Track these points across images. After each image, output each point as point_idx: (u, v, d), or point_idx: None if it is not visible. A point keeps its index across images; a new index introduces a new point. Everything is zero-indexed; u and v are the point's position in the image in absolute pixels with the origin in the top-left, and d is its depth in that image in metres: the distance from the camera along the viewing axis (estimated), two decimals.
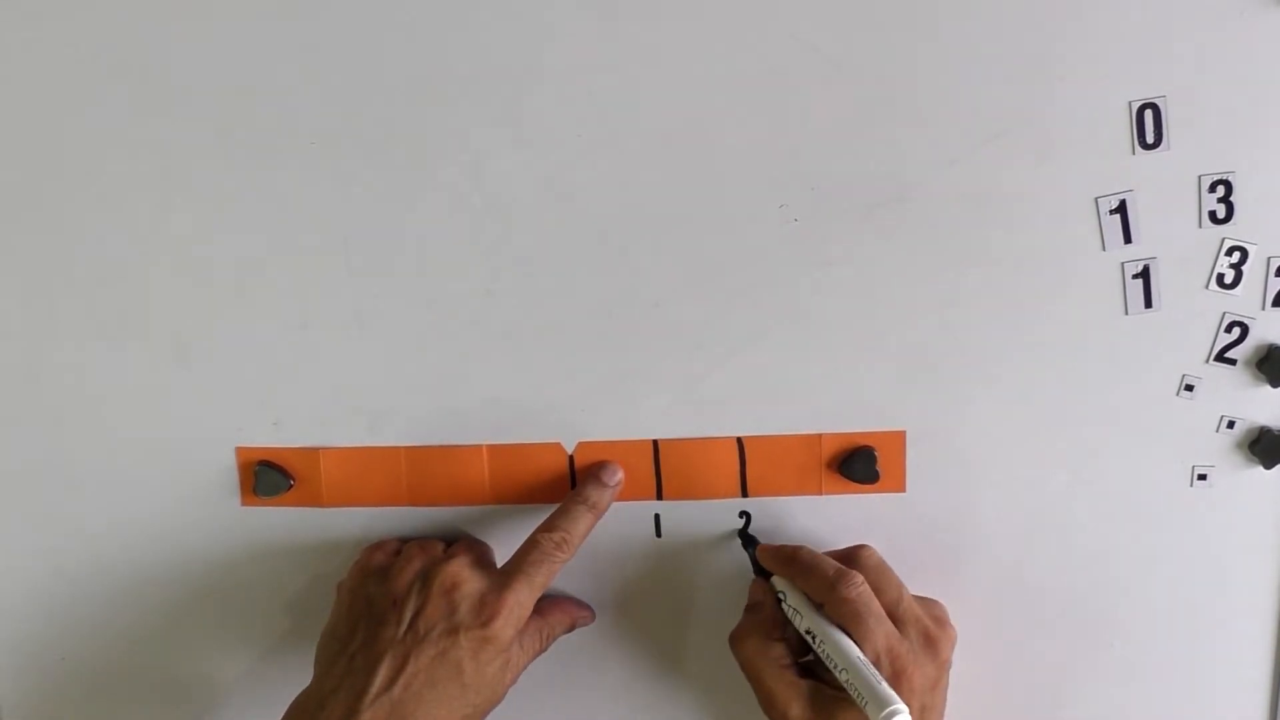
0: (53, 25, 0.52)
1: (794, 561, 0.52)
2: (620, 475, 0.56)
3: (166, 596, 0.59)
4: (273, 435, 0.56)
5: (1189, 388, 0.54)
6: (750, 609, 0.54)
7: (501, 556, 0.55)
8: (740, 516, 0.56)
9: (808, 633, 0.51)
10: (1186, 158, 0.51)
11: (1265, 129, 0.50)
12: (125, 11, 0.51)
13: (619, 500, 0.56)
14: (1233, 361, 0.53)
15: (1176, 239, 0.52)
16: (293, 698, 0.51)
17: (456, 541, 0.56)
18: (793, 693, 0.50)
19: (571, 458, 0.56)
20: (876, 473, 0.55)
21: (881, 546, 0.56)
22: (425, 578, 0.52)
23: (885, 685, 0.47)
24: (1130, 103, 0.50)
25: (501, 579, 0.52)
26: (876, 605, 0.50)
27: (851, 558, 0.52)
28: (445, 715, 0.50)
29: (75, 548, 0.58)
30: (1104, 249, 0.52)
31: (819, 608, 0.51)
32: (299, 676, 0.52)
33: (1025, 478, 0.55)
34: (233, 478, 0.57)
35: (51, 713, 0.61)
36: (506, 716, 0.53)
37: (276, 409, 0.56)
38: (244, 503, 0.57)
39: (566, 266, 0.54)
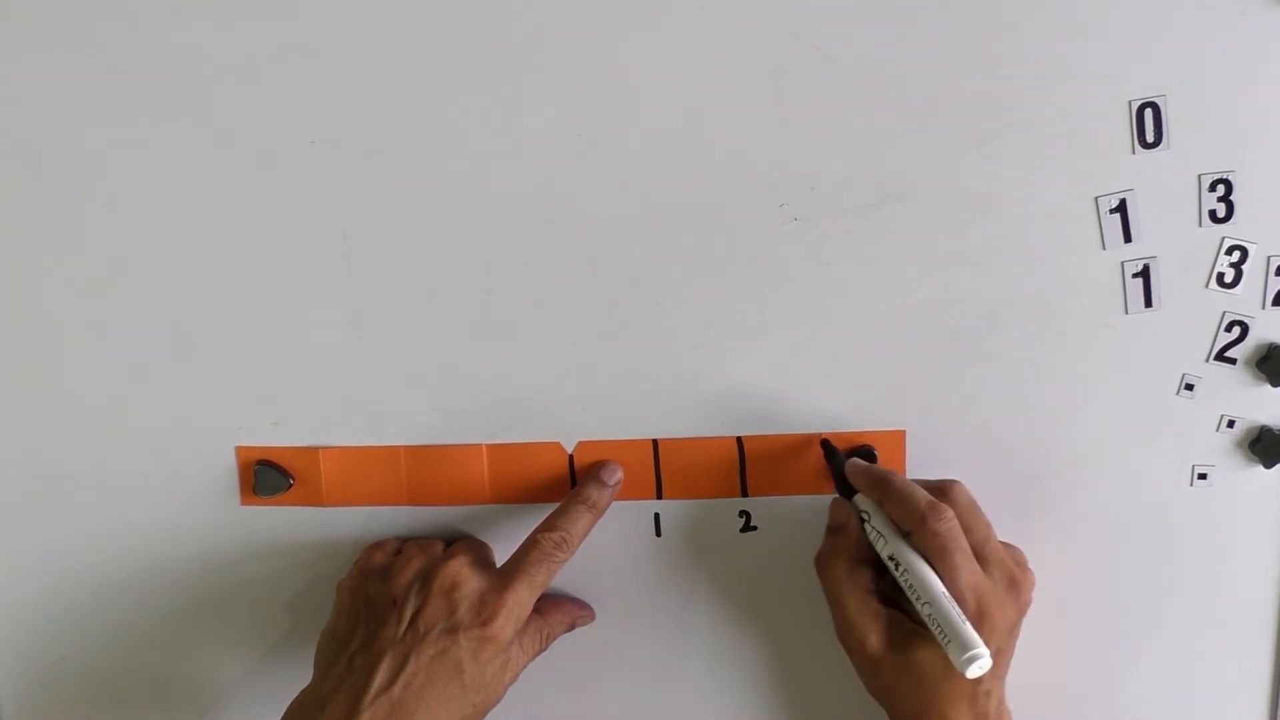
0: (53, 25, 0.52)
1: (885, 485, 0.51)
2: (620, 474, 0.55)
3: (166, 596, 0.59)
4: (272, 435, 0.56)
5: (1189, 387, 0.54)
6: (833, 530, 0.53)
7: (501, 556, 0.55)
8: (821, 446, 0.54)
9: (890, 559, 0.50)
10: (1186, 157, 0.51)
11: (1265, 128, 0.50)
12: (125, 11, 0.51)
13: (619, 500, 0.56)
14: (1233, 361, 0.53)
15: (1176, 238, 0.52)
16: (293, 696, 0.51)
17: (456, 541, 0.56)
18: (873, 622, 0.50)
19: (571, 457, 0.56)
20: None
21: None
22: (425, 577, 0.52)
23: (969, 626, 0.46)
24: (1130, 102, 0.50)
25: (501, 579, 0.52)
26: (965, 541, 0.49)
27: (942, 491, 0.51)
28: (445, 715, 0.50)
29: (75, 547, 0.58)
30: (1104, 248, 0.52)
31: (905, 535, 0.50)
32: (299, 675, 0.52)
33: (1025, 477, 0.55)
34: (232, 477, 0.57)
35: (51, 713, 0.61)
36: (507, 716, 0.53)
37: (276, 408, 0.56)
38: (244, 502, 0.57)
39: (566, 266, 0.54)
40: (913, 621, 0.50)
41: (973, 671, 0.46)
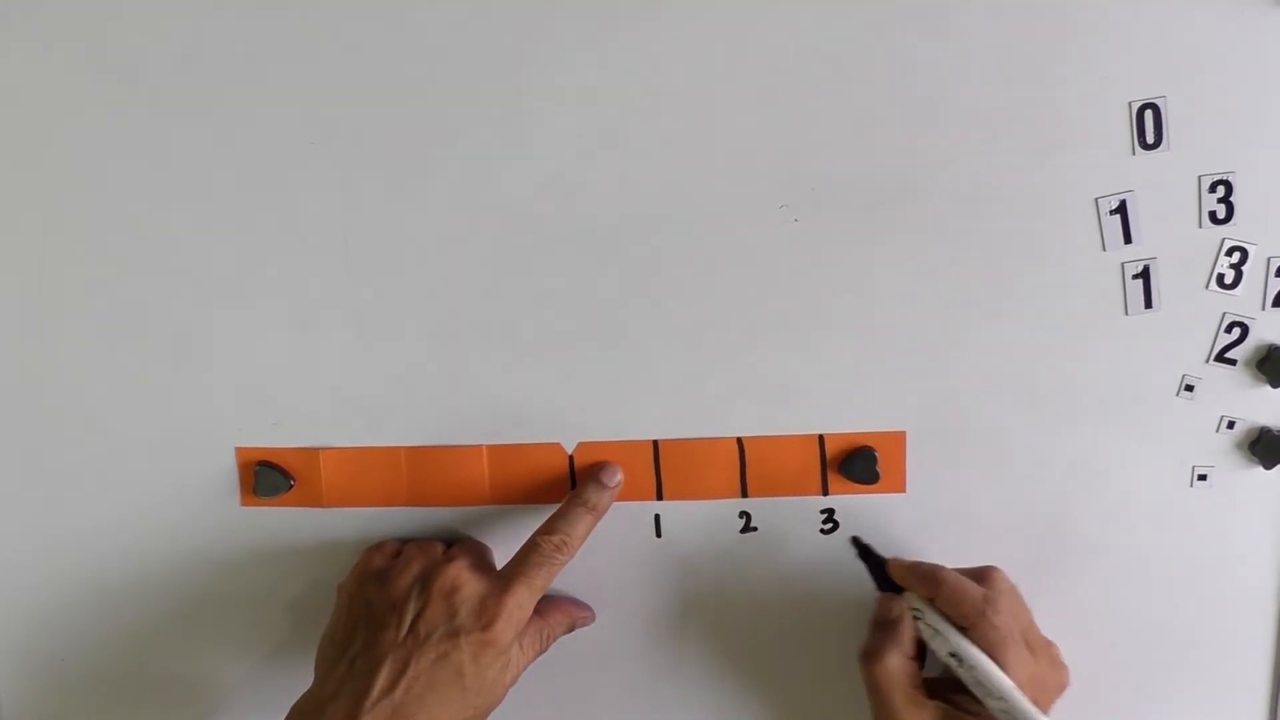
0: (52, 26, 0.52)
1: (937, 581, 0.51)
2: (620, 476, 0.55)
3: (166, 597, 0.59)
4: (272, 435, 0.56)
5: (1189, 388, 0.54)
6: (881, 625, 0.52)
7: (501, 557, 0.55)
8: (852, 544, 0.55)
9: (952, 655, 0.50)
10: (1186, 158, 0.51)
11: (1265, 129, 0.50)
12: (125, 11, 0.51)
13: (619, 500, 0.56)
14: (1233, 362, 0.53)
15: (1176, 239, 0.52)
16: (294, 698, 0.51)
17: (456, 544, 0.56)
18: (924, 715, 0.49)
19: (571, 458, 0.56)
20: (877, 473, 0.55)
21: (882, 546, 0.56)
22: (425, 581, 0.52)
23: (1042, 716, 0.47)
24: (1130, 103, 0.50)
25: (501, 582, 0.52)
26: (1017, 633, 0.50)
27: (984, 578, 0.52)
28: (446, 717, 0.50)
29: (75, 548, 0.58)
30: (1104, 249, 0.52)
31: (961, 630, 0.50)
32: (300, 677, 0.52)
33: (1025, 478, 0.55)
34: (233, 478, 0.57)
35: (51, 713, 0.61)
36: (506, 717, 0.53)
37: (276, 409, 0.56)
38: (244, 503, 0.57)
39: (566, 266, 0.54)
40: (961, 712, 0.49)
41: None
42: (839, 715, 0.59)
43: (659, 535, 0.57)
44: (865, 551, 0.54)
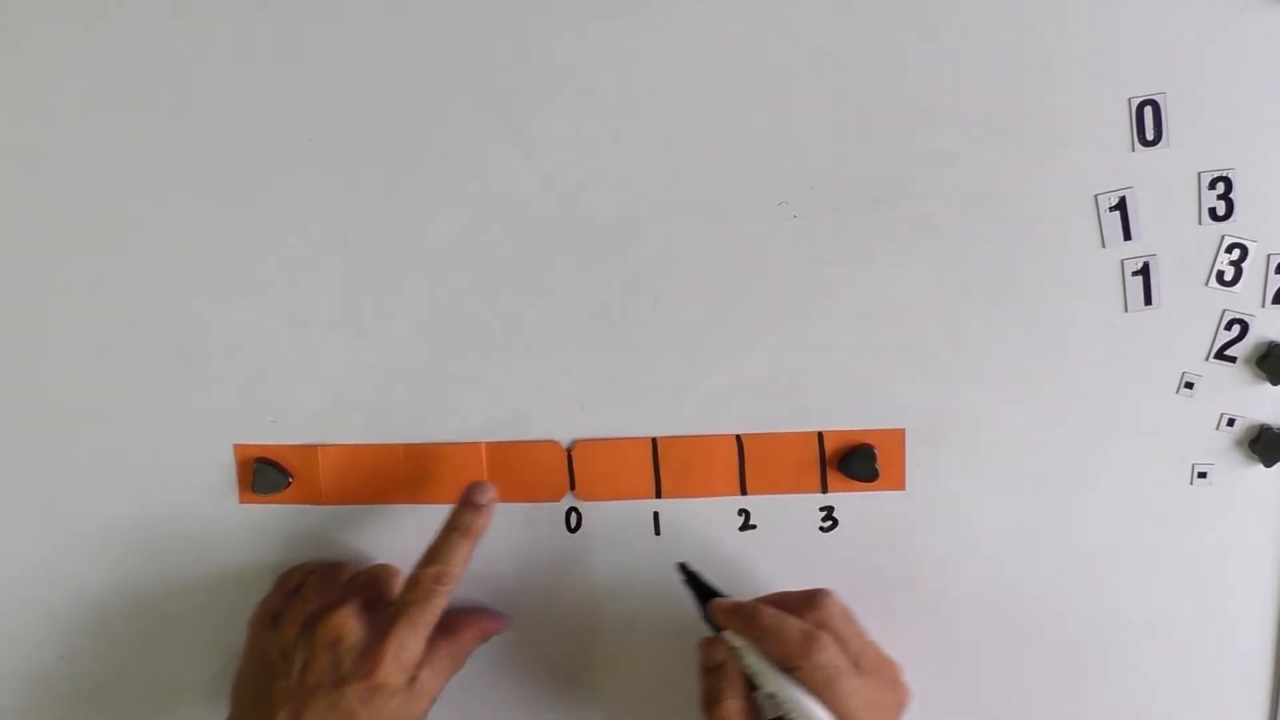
0: (52, 26, 0.52)
1: (755, 623, 0.50)
2: (493, 492, 0.54)
3: (164, 593, 0.58)
4: (271, 432, 0.56)
5: (1189, 385, 0.54)
6: (708, 671, 0.51)
7: (499, 555, 0.55)
8: (678, 570, 0.54)
9: (770, 696, 0.49)
10: (1186, 154, 0.51)
11: (1265, 126, 0.51)
12: (125, 11, 0.52)
13: (619, 499, 0.56)
14: (1233, 359, 0.53)
15: (1176, 236, 0.52)
16: None
17: (360, 572, 0.56)
18: None
19: (570, 456, 0.56)
20: (876, 471, 0.55)
21: (881, 545, 0.56)
22: (310, 631, 0.52)
23: None
24: (1130, 99, 0.50)
25: (383, 625, 0.52)
26: (846, 664, 0.49)
27: (811, 604, 0.50)
28: None
29: (74, 545, 0.58)
30: (1104, 246, 0.52)
31: (785, 670, 0.49)
32: None
33: (1025, 475, 0.55)
34: (231, 475, 0.57)
35: (51, 712, 0.61)
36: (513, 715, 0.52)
37: (275, 406, 0.56)
38: (242, 500, 0.57)
39: (566, 265, 0.54)
40: None
41: None
42: None
43: (658, 533, 0.57)
44: (692, 579, 0.53)
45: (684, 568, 0.54)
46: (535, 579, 0.58)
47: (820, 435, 0.55)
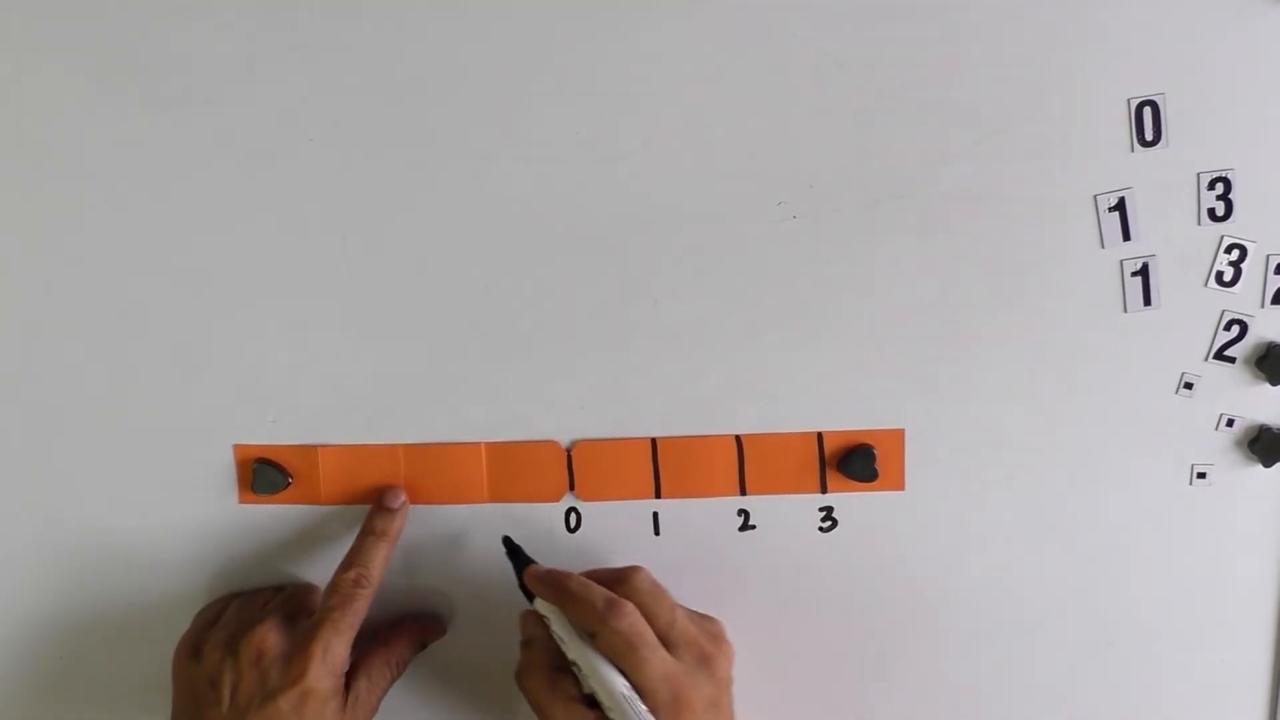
0: (52, 25, 0.52)
1: (562, 589, 0.51)
2: (403, 497, 0.56)
3: (165, 594, 0.58)
4: (271, 433, 0.56)
5: (1188, 386, 0.54)
6: (525, 643, 0.53)
7: (501, 556, 0.55)
8: (504, 544, 0.55)
9: (573, 663, 0.50)
10: (1185, 155, 0.51)
11: (1264, 126, 0.51)
12: (125, 11, 0.52)
13: (618, 499, 0.56)
14: (1232, 359, 0.53)
15: (1175, 236, 0.52)
16: None
17: (280, 592, 0.57)
18: None
19: (569, 456, 0.56)
20: (875, 471, 0.55)
21: (881, 545, 0.56)
22: (233, 652, 0.52)
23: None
24: (1129, 100, 0.50)
25: (306, 632, 0.52)
26: (649, 633, 0.49)
27: (622, 580, 0.51)
28: None
29: (73, 545, 0.58)
30: (1103, 246, 0.52)
31: (591, 637, 0.50)
32: None
33: (1024, 476, 0.55)
34: (230, 475, 0.57)
35: (51, 712, 0.61)
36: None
37: (275, 406, 0.56)
38: (241, 500, 0.57)
39: (565, 265, 0.54)
40: None
41: None
42: (843, 710, 0.59)
43: (657, 533, 0.57)
44: (513, 551, 0.54)
45: (507, 540, 0.55)
46: None
47: (820, 435, 0.55)
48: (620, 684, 0.48)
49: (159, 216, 0.54)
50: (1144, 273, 0.52)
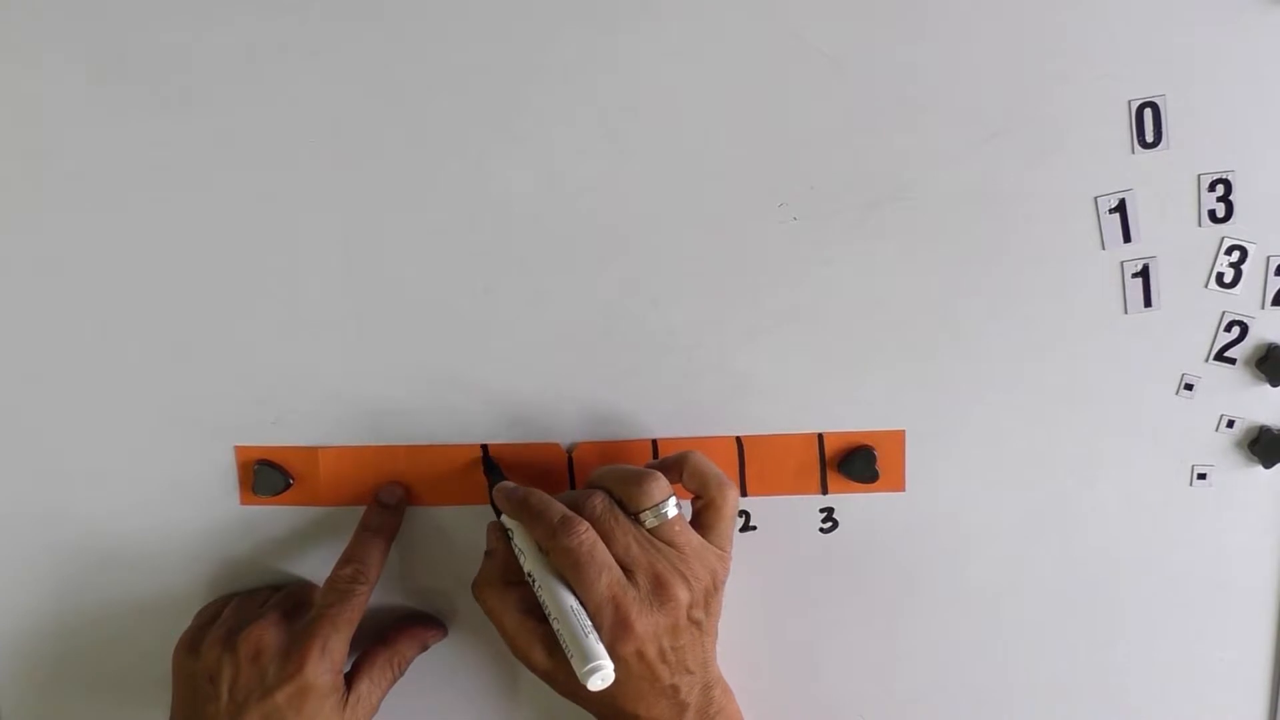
0: (52, 25, 0.52)
1: (523, 505, 0.51)
2: (400, 492, 0.56)
3: (165, 596, 0.58)
4: (272, 434, 0.56)
5: (1188, 387, 0.54)
6: (487, 553, 0.53)
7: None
8: (482, 453, 0.55)
9: (529, 575, 0.50)
10: (1186, 156, 0.51)
11: (1265, 128, 0.51)
12: (124, 11, 0.51)
13: None
14: (1232, 360, 0.53)
15: (1176, 238, 0.52)
16: None
17: (278, 592, 0.57)
18: (533, 639, 0.50)
19: (570, 457, 0.56)
20: (876, 472, 0.55)
21: (881, 546, 0.56)
22: (231, 648, 0.52)
23: (593, 638, 0.47)
24: (1130, 101, 0.50)
25: (304, 629, 0.52)
26: (602, 552, 0.49)
27: (581, 503, 0.50)
28: None
29: (75, 546, 0.58)
30: (1103, 248, 0.52)
31: (545, 553, 0.50)
32: None
33: (1025, 477, 0.55)
34: (232, 476, 0.57)
35: (51, 713, 0.61)
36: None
37: (276, 408, 0.56)
38: (243, 501, 0.57)
39: (566, 266, 0.54)
40: None
41: (594, 684, 0.47)
42: (844, 711, 0.59)
43: None
44: (490, 467, 0.55)
45: (485, 455, 0.55)
46: None
47: (820, 436, 0.55)
48: (569, 599, 0.48)
49: (159, 217, 0.54)
50: (1144, 274, 0.52)
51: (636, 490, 0.50)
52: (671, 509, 0.50)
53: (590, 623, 0.48)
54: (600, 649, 0.47)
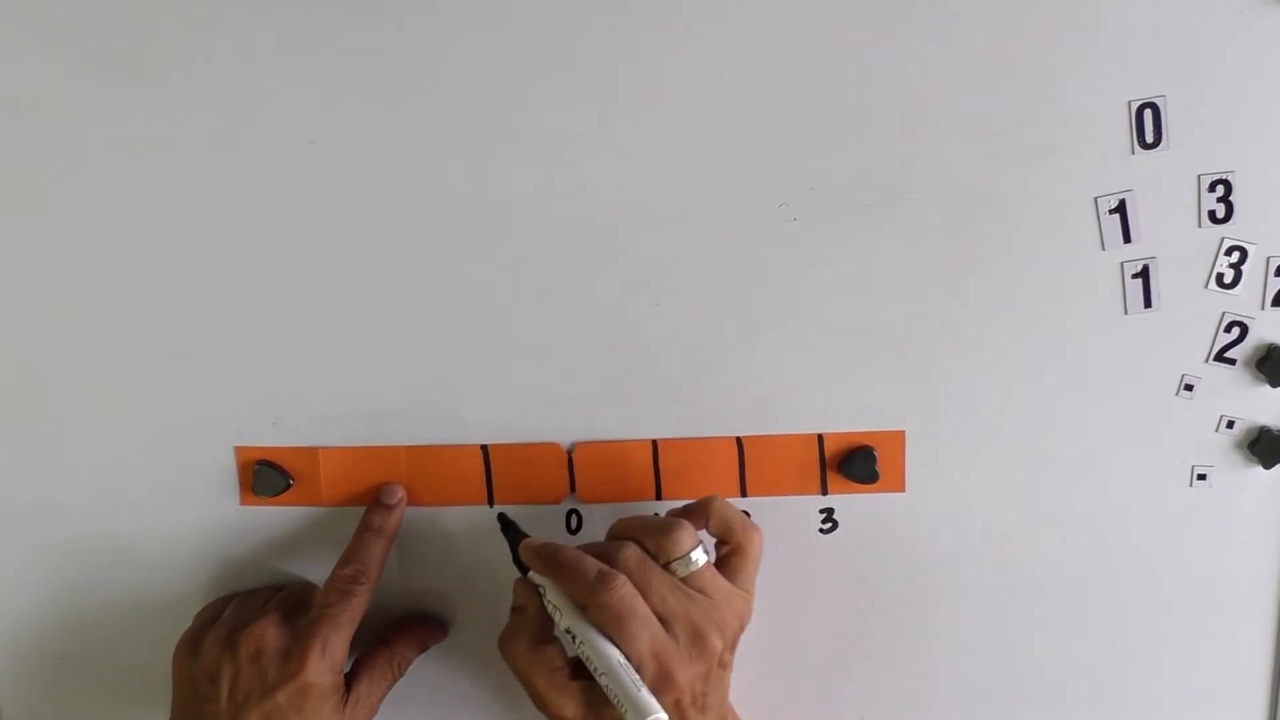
0: (52, 25, 0.52)
1: (555, 562, 0.51)
2: (401, 493, 0.56)
3: (165, 596, 0.58)
4: (272, 435, 0.56)
5: (1188, 387, 0.54)
6: (514, 610, 0.52)
7: (503, 558, 0.55)
8: (499, 520, 0.55)
9: (567, 632, 0.50)
10: (1186, 157, 0.51)
11: (1265, 128, 0.50)
12: (125, 10, 0.51)
13: (619, 500, 0.56)
14: (1232, 361, 0.53)
15: (1176, 238, 0.52)
16: None
17: (279, 593, 0.57)
18: (565, 696, 0.49)
19: (570, 458, 0.56)
20: (876, 473, 0.55)
21: (881, 547, 0.56)
22: (232, 648, 0.52)
23: (645, 692, 0.47)
24: (1130, 102, 0.50)
25: (304, 629, 0.52)
26: (641, 606, 0.49)
27: (613, 555, 0.50)
28: None
29: (74, 547, 0.58)
30: (1103, 248, 0.52)
31: (582, 609, 0.50)
32: None
33: (1025, 478, 0.55)
34: (232, 477, 0.57)
35: (51, 713, 0.61)
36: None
37: (275, 408, 0.56)
38: (243, 502, 0.57)
39: (566, 266, 0.54)
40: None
41: None
42: (844, 711, 0.59)
43: None
44: (507, 527, 0.55)
45: (501, 516, 0.55)
46: None
47: (820, 437, 0.55)
48: (615, 655, 0.48)
49: (159, 217, 0.54)
50: (1144, 274, 0.52)
51: (666, 540, 0.50)
52: (701, 556, 0.50)
53: (638, 676, 0.48)
54: (654, 702, 0.47)
